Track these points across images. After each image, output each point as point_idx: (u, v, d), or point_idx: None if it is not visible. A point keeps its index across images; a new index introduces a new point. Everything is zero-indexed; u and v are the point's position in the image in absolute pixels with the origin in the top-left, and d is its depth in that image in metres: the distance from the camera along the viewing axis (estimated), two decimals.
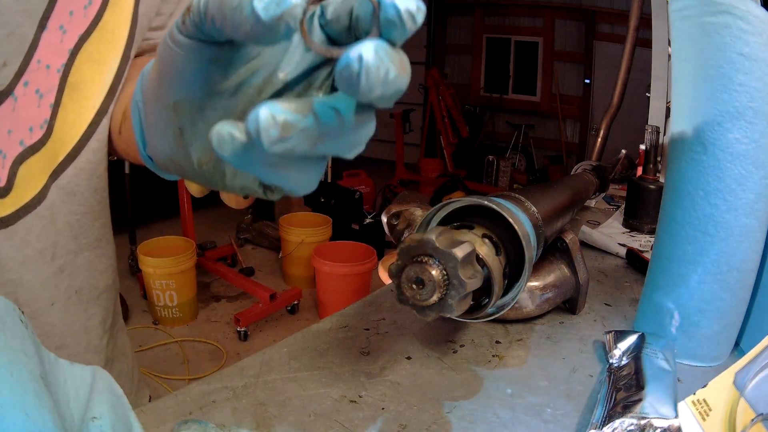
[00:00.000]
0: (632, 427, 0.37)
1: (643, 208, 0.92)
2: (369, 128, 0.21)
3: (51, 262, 0.44)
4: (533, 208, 0.53)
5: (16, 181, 0.39)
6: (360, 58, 0.18)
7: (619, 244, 0.84)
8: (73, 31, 0.41)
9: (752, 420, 0.37)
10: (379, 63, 0.18)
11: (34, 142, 0.39)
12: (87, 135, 0.43)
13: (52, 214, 0.42)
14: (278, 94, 0.24)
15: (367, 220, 3.42)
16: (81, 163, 0.43)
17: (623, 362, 0.48)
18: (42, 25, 0.39)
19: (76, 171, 0.43)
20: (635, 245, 0.83)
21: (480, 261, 0.43)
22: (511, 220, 0.46)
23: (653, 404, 0.39)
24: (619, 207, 1.07)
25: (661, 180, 0.90)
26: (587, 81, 5.11)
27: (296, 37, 0.23)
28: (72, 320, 0.48)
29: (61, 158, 0.42)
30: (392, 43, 0.19)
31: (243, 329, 2.60)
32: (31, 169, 0.39)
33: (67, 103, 0.41)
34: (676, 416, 0.38)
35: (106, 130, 0.44)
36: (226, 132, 0.20)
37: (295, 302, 2.89)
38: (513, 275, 0.49)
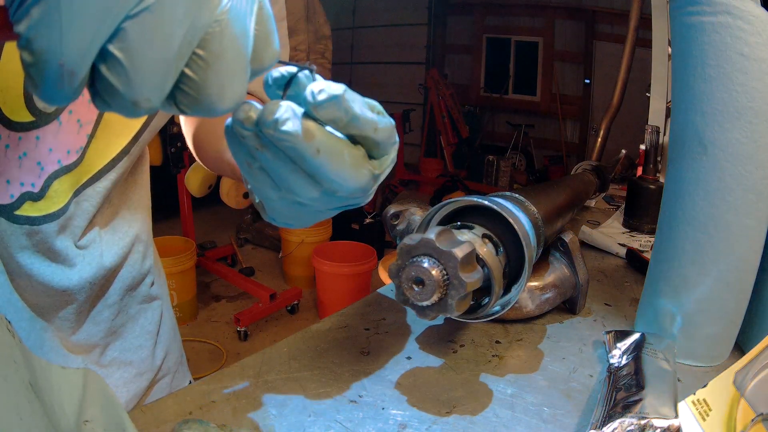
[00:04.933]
0: (632, 427, 0.37)
1: (643, 208, 0.92)
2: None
3: None
4: (533, 208, 0.53)
5: (48, 192, 0.44)
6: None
7: (619, 244, 0.84)
8: None
9: (752, 420, 0.37)
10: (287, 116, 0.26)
11: (69, 163, 0.45)
12: (108, 167, 0.49)
13: (66, 224, 0.48)
14: None
15: (367, 220, 3.42)
16: (98, 187, 0.49)
17: (623, 362, 0.48)
18: None
19: (93, 193, 0.49)
20: (635, 245, 0.83)
21: (480, 261, 0.43)
22: (511, 220, 0.46)
23: (653, 404, 0.39)
24: (619, 207, 1.07)
25: (661, 180, 0.90)
26: (587, 81, 5.11)
27: None
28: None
29: (84, 180, 0.47)
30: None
31: (243, 329, 2.60)
32: (61, 186, 0.45)
33: (100, 136, 0.47)
34: (676, 416, 0.38)
35: (125, 165, 0.50)
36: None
37: (295, 302, 2.89)
38: (513, 275, 0.49)
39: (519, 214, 0.48)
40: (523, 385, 0.49)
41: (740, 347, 0.55)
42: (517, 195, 0.54)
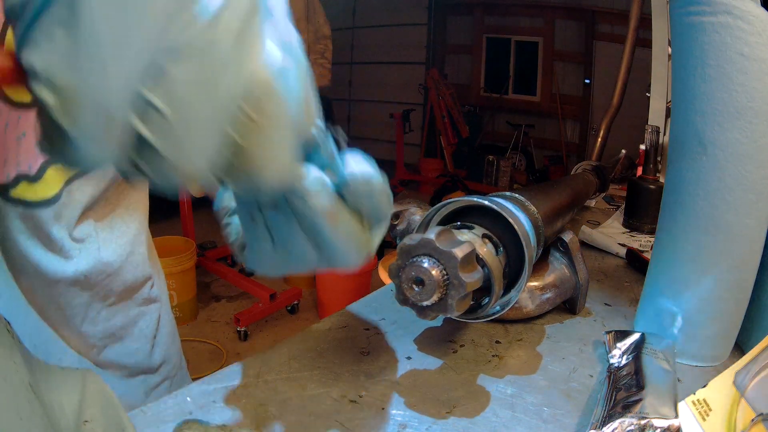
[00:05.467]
0: (632, 427, 0.37)
1: (643, 208, 0.92)
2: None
3: None
4: (533, 208, 0.53)
5: (44, 177, 0.45)
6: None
7: (619, 244, 0.84)
8: None
9: (752, 420, 0.37)
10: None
11: None
12: None
13: (60, 212, 0.48)
14: None
15: None
16: (88, 180, 0.49)
17: (623, 362, 0.48)
18: None
19: (82, 184, 0.49)
20: (635, 245, 0.83)
21: (480, 261, 0.43)
22: (511, 220, 0.46)
23: (653, 404, 0.39)
24: (619, 207, 1.07)
25: (661, 180, 0.90)
26: (587, 81, 5.10)
27: None
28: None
29: (75, 171, 0.47)
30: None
31: (243, 329, 2.60)
32: (56, 172, 0.46)
33: None
34: (676, 416, 0.38)
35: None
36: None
37: (295, 302, 2.89)
38: (513, 275, 0.49)
39: (519, 214, 0.48)
40: (523, 386, 0.49)
41: (740, 347, 0.55)
42: (517, 195, 0.54)
